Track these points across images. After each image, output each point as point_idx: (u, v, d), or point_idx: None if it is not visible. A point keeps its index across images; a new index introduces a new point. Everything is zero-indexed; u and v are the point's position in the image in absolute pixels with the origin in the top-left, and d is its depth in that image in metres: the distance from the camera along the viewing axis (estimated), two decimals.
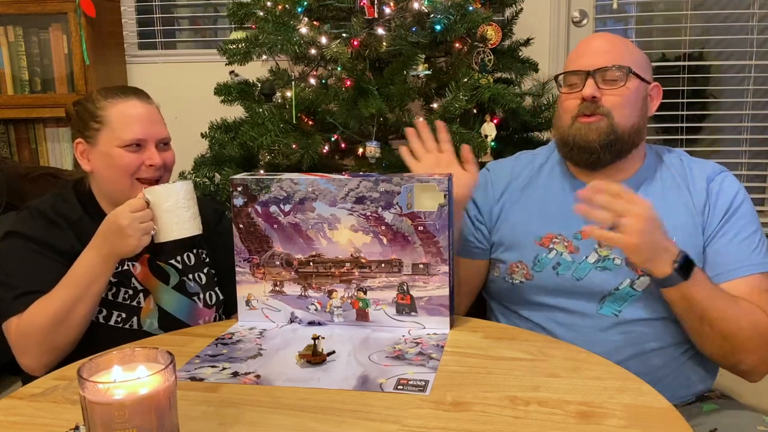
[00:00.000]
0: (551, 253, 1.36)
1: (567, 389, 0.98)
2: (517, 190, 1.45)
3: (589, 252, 1.34)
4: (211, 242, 1.47)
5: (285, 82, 2.03)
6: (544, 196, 1.42)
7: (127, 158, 1.32)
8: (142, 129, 1.33)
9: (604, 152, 1.32)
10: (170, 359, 0.77)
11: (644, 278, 1.29)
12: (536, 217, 1.40)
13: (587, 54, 1.36)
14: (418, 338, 1.18)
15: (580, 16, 2.52)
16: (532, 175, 1.46)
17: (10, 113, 2.52)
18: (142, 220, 1.23)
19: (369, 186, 1.21)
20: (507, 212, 1.44)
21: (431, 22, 1.86)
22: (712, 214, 1.32)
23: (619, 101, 1.32)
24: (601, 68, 1.32)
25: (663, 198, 1.34)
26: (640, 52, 1.39)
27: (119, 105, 1.34)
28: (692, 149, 2.55)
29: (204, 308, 1.41)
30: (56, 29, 2.48)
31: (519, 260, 1.39)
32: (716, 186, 1.34)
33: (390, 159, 1.88)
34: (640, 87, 1.35)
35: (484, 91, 1.85)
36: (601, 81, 1.32)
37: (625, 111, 1.32)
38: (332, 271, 1.25)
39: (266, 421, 0.91)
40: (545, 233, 1.37)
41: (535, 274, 1.37)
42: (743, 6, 2.47)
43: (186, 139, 2.12)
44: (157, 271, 1.39)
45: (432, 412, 0.92)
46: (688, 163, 1.39)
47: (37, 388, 1.02)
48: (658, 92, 1.40)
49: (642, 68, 1.36)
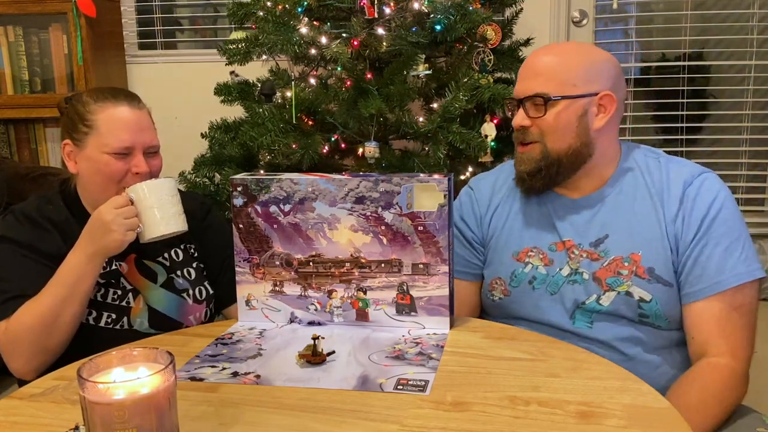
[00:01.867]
0: (527, 267, 1.36)
1: (567, 389, 0.98)
2: (500, 204, 1.44)
3: (563, 265, 1.33)
4: (199, 236, 1.46)
5: (285, 82, 2.04)
6: (521, 209, 1.41)
7: (114, 165, 1.30)
8: (130, 136, 1.31)
9: (535, 181, 1.33)
10: (170, 359, 0.77)
11: (609, 293, 1.28)
12: (514, 231, 1.39)
13: (521, 77, 1.34)
14: (418, 338, 1.18)
15: (580, 16, 2.52)
16: (510, 190, 1.44)
17: (10, 113, 2.52)
18: (126, 215, 1.22)
19: (369, 186, 1.21)
20: (493, 230, 1.43)
21: (431, 22, 1.87)
22: (687, 223, 1.26)
23: (545, 127, 1.30)
24: (524, 98, 1.31)
25: (631, 210, 1.30)
26: (589, 61, 1.30)
27: (109, 110, 1.32)
28: (692, 149, 2.56)
29: (194, 304, 1.40)
30: (56, 29, 2.49)
31: (497, 276, 1.39)
32: (693, 191, 1.28)
33: (389, 159, 1.88)
34: (571, 107, 1.29)
35: (484, 91, 1.86)
36: (531, 107, 1.31)
37: (554, 136, 1.30)
38: (332, 271, 1.25)
39: (266, 421, 0.91)
40: (522, 248, 1.37)
41: (512, 290, 1.37)
42: (743, 6, 2.47)
43: (186, 139, 2.13)
44: (145, 270, 1.38)
45: (432, 412, 0.92)
46: (666, 166, 1.33)
47: (37, 388, 1.02)
48: (610, 100, 1.30)
49: (580, 83, 1.29)
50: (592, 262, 1.31)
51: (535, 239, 1.37)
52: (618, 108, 1.33)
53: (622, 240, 1.30)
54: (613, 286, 1.28)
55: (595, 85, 1.30)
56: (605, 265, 1.29)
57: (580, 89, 1.29)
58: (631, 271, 1.28)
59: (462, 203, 1.49)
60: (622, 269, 1.28)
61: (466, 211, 1.47)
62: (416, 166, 1.84)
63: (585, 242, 1.32)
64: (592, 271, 1.30)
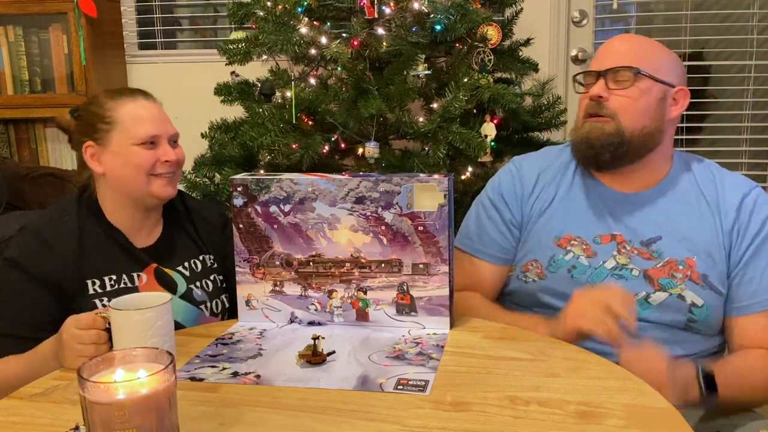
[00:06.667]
0: (568, 255, 1.33)
1: (567, 389, 0.98)
2: (545, 187, 1.41)
3: (608, 257, 1.31)
4: (218, 248, 1.46)
5: (285, 82, 2.04)
6: (566, 195, 1.38)
7: (143, 155, 1.31)
8: (155, 126, 1.33)
9: (604, 152, 1.30)
10: (170, 359, 0.77)
11: (660, 293, 1.27)
12: (557, 216, 1.37)
13: (603, 55, 1.34)
14: (418, 338, 1.18)
15: (580, 16, 2.52)
16: (557, 172, 1.42)
17: (10, 113, 2.52)
18: (81, 341, 1.07)
19: (369, 186, 1.21)
20: (535, 211, 1.40)
21: (431, 22, 1.86)
22: (742, 236, 1.28)
23: (626, 102, 1.29)
24: (610, 69, 1.30)
25: (687, 215, 1.31)
26: (668, 55, 1.35)
27: (128, 104, 1.33)
28: (692, 149, 2.56)
29: (210, 316, 1.40)
30: (56, 29, 2.48)
31: (534, 259, 1.36)
32: (750, 203, 1.30)
33: (389, 159, 1.88)
34: (654, 89, 1.30)
35: (484, 91, 1.86)
36: (612, 81, 1.30)
37: (632, 113, 1.29)
38: (332, 271, 1.25)
39: (266, 421, 0.91)
40: (564, 234, 1.35)
41: (548, 275, 1.34)
42: (743, 6, 2.47)
43: (186, 139, 2.12)
44: (165, 280, 1.37)
45: (432, 412, 0.92)
46: (720, 177, 1.34)
47: (37, 388, 1.02)
48: (684, 95, 1.33)
49: (663, 70, 1.31)
50: (644, 260, 1.30)
51: (579, 228, 1.35)
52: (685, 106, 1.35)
53: (675, 243, 1.29)
54: (666, 288, 1.27)
55: (674, 77, 1.33)
56: (659, 265, 1.29)
57: (664, 75, 1.31)
58: (685, 275, 1.27)
59: (502, 182, 1.44)
60: (677, 272, 1.28)
61: (507, 190, 1.43)
62: (416, 166, 1.84)
63: (635, 239, 1.31)
64: (644, 269, 1.29)
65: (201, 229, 1.46)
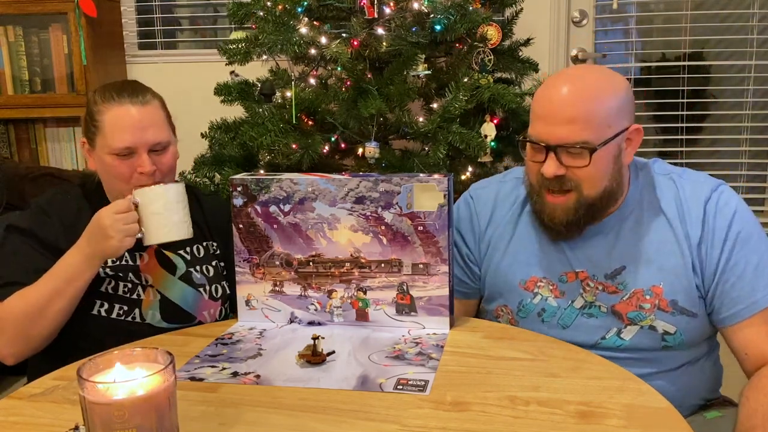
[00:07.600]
0: (536, 298, 1.30)
1: (567, 389, 0.98)
2: (501, 224, 1.36)
3: (575, 296, 1.28)
4: (222, 236, 1.46)
5: (285, 82, 2.03)
6: (525, 234, 1.33)
7: (119, 167, 1.30)
8: (131, 137, 1.29)
9: (570, 229, 1.25)
10: (170, 359, 0.77)
11: (631, 327, 1.24)
12: (520, 257, 1.33)
13: (547, 118, 1.20)
14: (418, 338, 1.18)
15: (580, 16, 2.52)
16: (515, 209, 1.36)
17: (10, 113, 2.52)
18: (125, 221, 1.21)
19: (369, 186, 1.21)
20: (492, 250, 1.36)
21: (431, 22, 1.86)
22: (711, 246, 1.22)
23: (586, 174, 1.20)
24: (562, 145, 1.18)
25: (649, 239, 1.25)
26: (613, 95, 1.20)
27: (113, 110, 1.30)
28: (692, 149, 2.56)
29: (209, 300, 1.40)
30: (56, 29, 2.48)
31: (504, 304, 1.34)
32: (712, 209, 1.23)
33: (389, 159, 1.88)
34: (608, 149, 1.19)
35: (484, 91, 1.85)
36: (565, 154, 1.19)
37: (594, 181, 1.21)
38: (332, 271, 1.25)
39: (266, 421, 0.91)
40: (529, 276, 1.31)
41: (519, 320, 1.32)
42: (743, 6, 2.47)
43: (186, 139, 2.12)
44: (164, 261, 1.38)
45: (432, 412, 0.92)
46: (681, 186, 1.26)
47: (37, 388, 1.02)
48: (637, 133, 1.24)
49: (614, 122, 1.19)
50: (610, 296, 1.26)
51: (543, 268, 1.30)
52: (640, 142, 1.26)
53: (640, 272, 1.24)
54: (636, 321, 1.24)
55: (624, 120, 1.22)
56: (625, 298, 1.25)
57: (614, 129, 1.20)
58: (653, 305, 1.23)
59: (461, 215, 1.40)
60: (644, 302, 1.24)
61: (464, 226, 1.39)
62: (416, 166, 1.84)
63: (599, 273, 1.27)
64: (611, 305, 1.25)
65: (209, 215, 1.47)
